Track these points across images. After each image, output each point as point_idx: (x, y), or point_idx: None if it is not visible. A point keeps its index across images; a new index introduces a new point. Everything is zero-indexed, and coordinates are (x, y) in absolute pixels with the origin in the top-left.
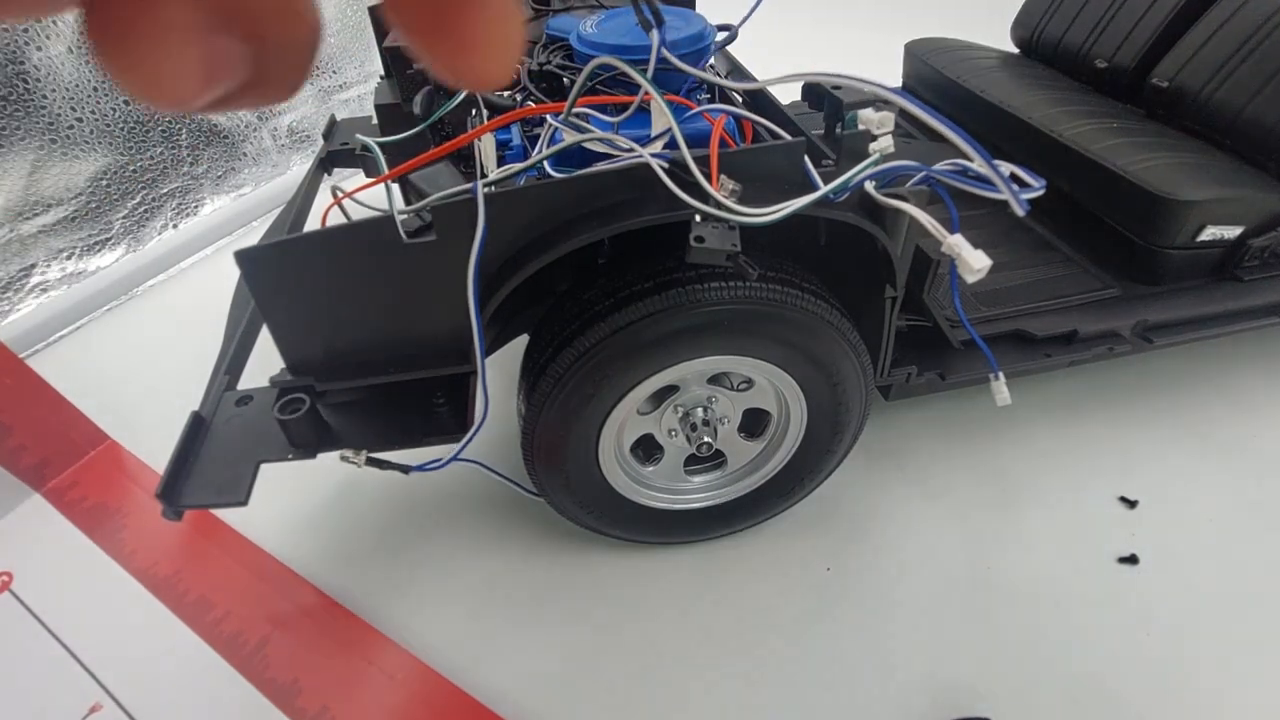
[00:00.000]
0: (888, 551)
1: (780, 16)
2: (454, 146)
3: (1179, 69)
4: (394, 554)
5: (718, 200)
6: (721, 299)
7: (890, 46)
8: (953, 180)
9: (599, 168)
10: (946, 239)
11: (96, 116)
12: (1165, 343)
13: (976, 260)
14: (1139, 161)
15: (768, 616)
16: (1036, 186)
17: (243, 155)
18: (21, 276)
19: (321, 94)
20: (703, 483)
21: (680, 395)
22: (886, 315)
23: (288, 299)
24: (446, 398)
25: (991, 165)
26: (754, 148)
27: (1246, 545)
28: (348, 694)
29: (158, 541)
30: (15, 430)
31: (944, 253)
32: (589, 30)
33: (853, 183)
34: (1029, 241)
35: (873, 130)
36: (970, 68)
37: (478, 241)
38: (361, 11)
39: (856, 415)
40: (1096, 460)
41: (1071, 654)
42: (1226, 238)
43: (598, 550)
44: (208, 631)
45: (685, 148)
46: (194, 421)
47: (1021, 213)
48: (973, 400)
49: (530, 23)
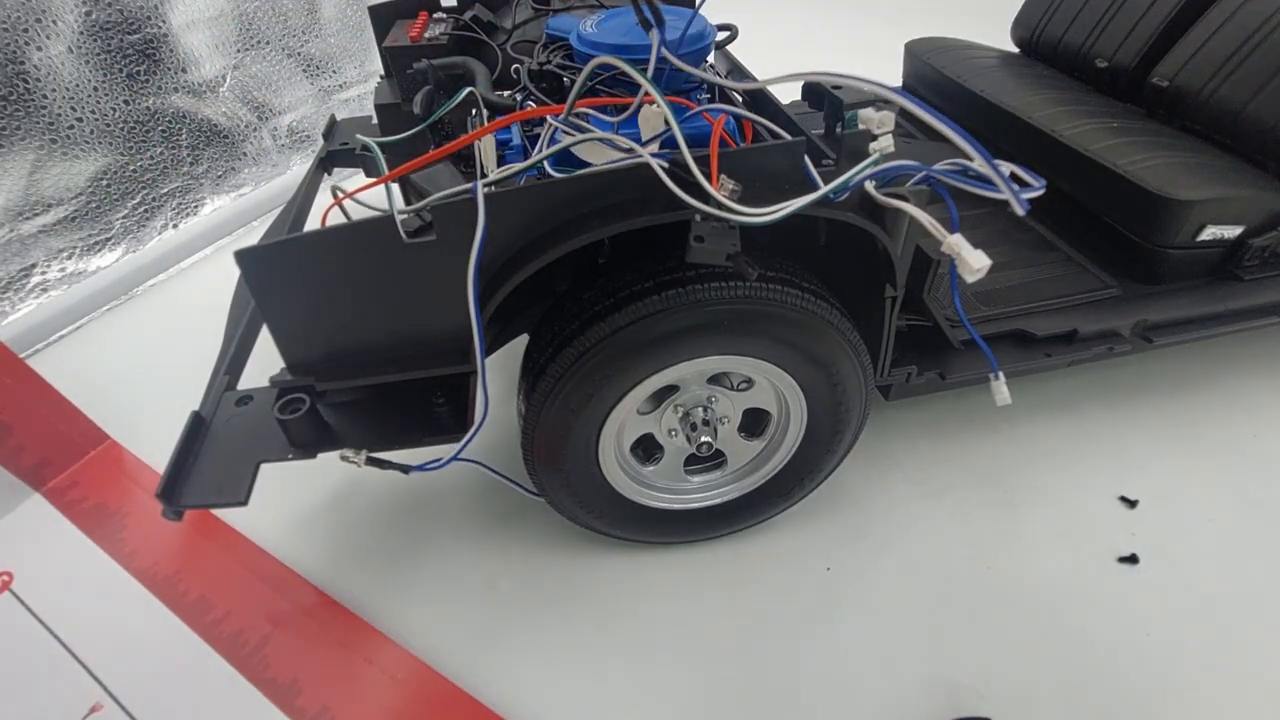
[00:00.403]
0: (888, 551)
1: (780, 16)
2: (454, 148)
3: (1179, 68)
4: (394, 554)
5: (718, 200)
6: (721, 299)
7: (890, 46)
8: (953, 180)
9: (599, 167)
10: (946, 239)
11: (96, 116)
12: (1165, 342)
13: (976, 260)
14: (1139, 161)
15: (768, 616)
16: (1037, 186)
17: (243, 155)
18: (21, 276)
19: (321, 94)
20: (703, 482)
21: (680, 395)
22: (886, 315)
23: (288, 299)
24: (446, 398)
25: (992, 165)
26: (754, 147)
27: (1246, 545)
28: (348, 693)
29: (158, 541)
30: (15, 430)
31: (944, 252)
32: (589, 30)
33: (853, 182)
34: (1029, 241)
35: (873, 130)
36: (970, 67)
37: (478, 241)
38: (361, 11)
39: (856, 415)
40: (1096, 460)
41: (1071, 654)
42: (1226, 237)
43: (598, 550)
44: (208, 631)
45: (685, 148)
46: (194, 421)
47: (1022, 212)
48: (973, 400)
49: (530, 22)
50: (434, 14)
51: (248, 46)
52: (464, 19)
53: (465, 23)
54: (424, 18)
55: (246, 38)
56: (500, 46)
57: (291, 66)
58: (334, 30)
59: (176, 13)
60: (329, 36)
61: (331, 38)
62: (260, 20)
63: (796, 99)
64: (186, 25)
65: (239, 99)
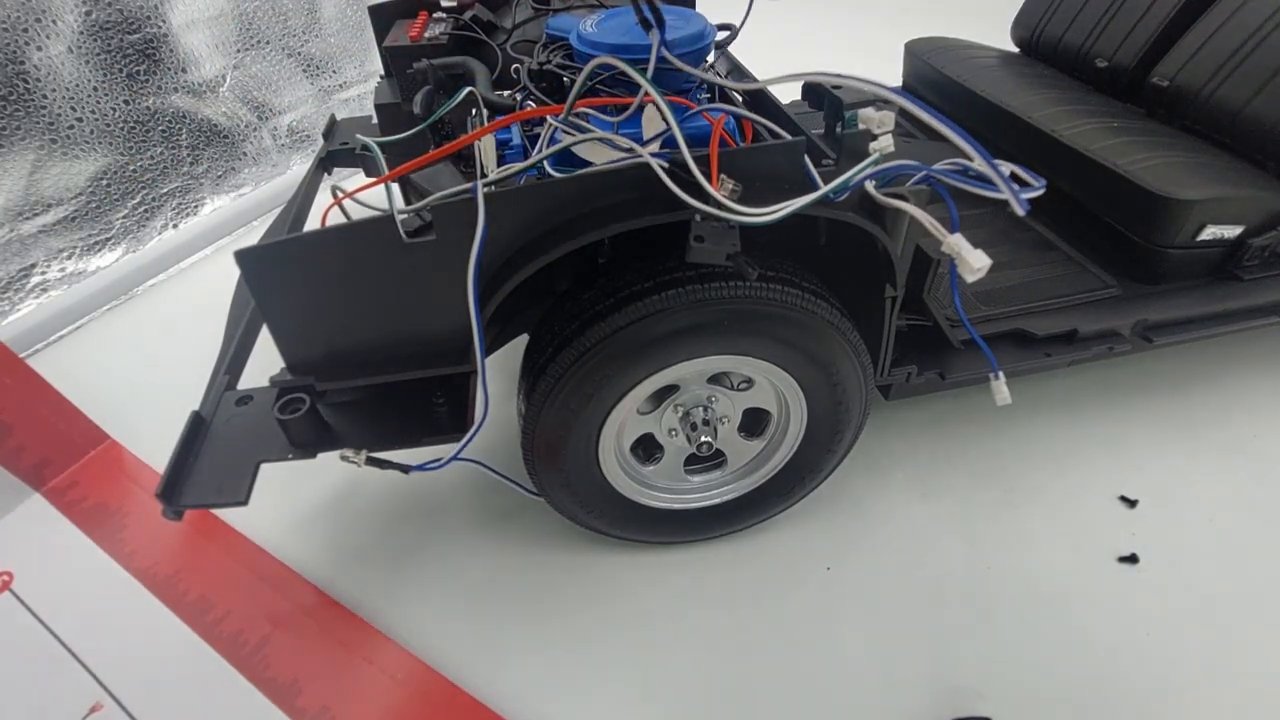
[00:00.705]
0: (888, 551)
1: (780, 16)
2: (455, 148)
3: (1179, 68)
4: (394, 554)
5: (718, 200)
6: (721, 299)
7: (890, 46)
8: (952, 180)
9: (599, 167)
10: (947, 238)
11: (96, 116)
12: (1165, 342)
13: (977, 260)
14: (1139, 161)
15: (768, 616)
16: (1037, 186)
17: (243, 155)
18: (21, 276)
19: (321, 94)
20: (703, 482)
21: (680, 395)
22: (886, 315)
23: (288, 299)
24: (446, 398)
25: (991, 164)
26: (754, 147)
27: (1246, 545)
28: (348, 693)
29: (158, 541)
30: (15, 430)
31: (944, 252)
32: (589, 30)
33: (853, 182)
34: (1029, 241)
35: (873, 130)
36: (970, 67)
37: (478, 241)
38: (361, 11)
39: (856, 415)
40: (1096, 460)
41: (1071, 654)
42: (1226, 237)
43: (598, 550)
44: (208, 631)
45: (685, 148)
46: (194, 421)
47: (1022, 212)
48: (973, 400)
49: (530, 22)
50: (434, 14)
51: (248, 46)
52: (464, 19)
53: (465, 23)
54: (424, 17)
55: (246, 38)
56: (500, 46)
57: (291, 66)
58: (334, 30)
59: (176, 13)
60: (329, 36)
61: (331, 38)
62: (260, 20)
63: (796, 99)
64: (186, 25)
65: (239, 99)
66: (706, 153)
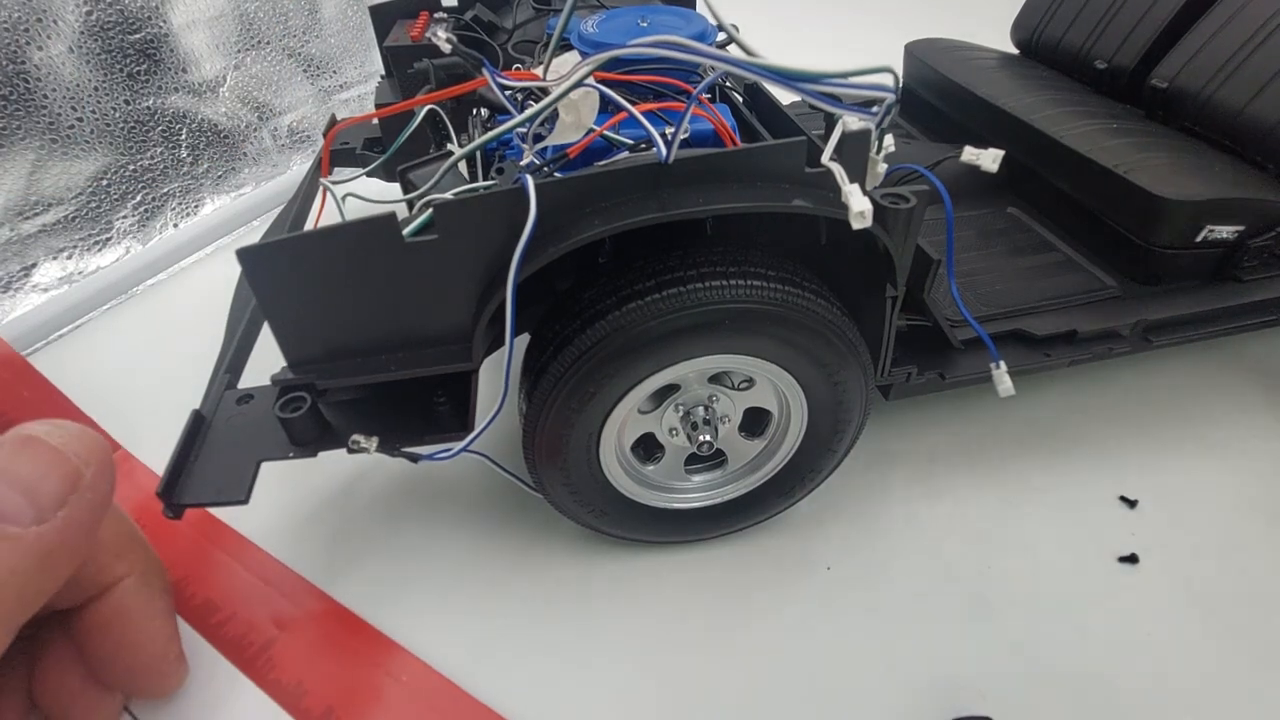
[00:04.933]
0: (888, 551)
1: (780, 16)
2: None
3: (1179, 70)
4: (396, 555)
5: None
6: (722, 298)
7: (890, 46)
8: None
9: (599, 167)
10: (844, 186)
11: (97, 116)
12: (1165, 342)
13: (857, 204)
14: (1139, 161)
15: (768, 616)
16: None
17: (243, 155)
18: (21, 276)
19: (322, 94)
20: (703, 482)
21: (681, 394)
22: (887, 315)
23: (290, 297)
24: (447, 396)
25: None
26: (754, 147)
27: (1246, 545)
28: (352, 696)
29: (160, 545)
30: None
31: (842, 201)
32: (589, 30)
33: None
34: (1029, 241)
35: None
36: (970, 68)
37: (528, 230)
38: (362, 11)
39: (857, 414)
40: (1096, 460)
41: (1071, 654)
42: (1226, 238)
43: (598, 550)
44: (212, 634)
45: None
46: (194, 420)
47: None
48: (973, 400)
49: (531, 22)
50: (434, 14)
51: (248, 46)
52: (465, 19)
53: (466, 23)
54: (424, 18)
55: (247, 38)
56: (501, 46)
57: (292, 66)
58: (334, 30)
59: (177, 13)
60: (329, 36)
61: (332, 38)
62: (260, 20)
63: (797, 99)
64: (187, 25)
65: (239, 99)
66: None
